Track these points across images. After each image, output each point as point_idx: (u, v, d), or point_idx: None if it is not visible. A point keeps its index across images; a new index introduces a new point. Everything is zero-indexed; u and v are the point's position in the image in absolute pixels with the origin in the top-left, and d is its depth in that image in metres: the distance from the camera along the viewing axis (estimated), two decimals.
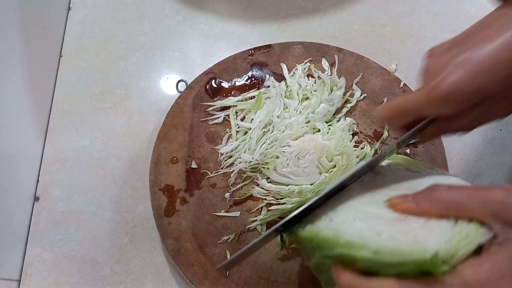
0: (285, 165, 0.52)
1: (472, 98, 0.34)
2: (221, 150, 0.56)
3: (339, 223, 0.35)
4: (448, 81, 0.33)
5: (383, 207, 0.35)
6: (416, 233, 0.32)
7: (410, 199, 0.34)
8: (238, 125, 0.57)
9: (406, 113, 0.37)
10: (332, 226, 0.35)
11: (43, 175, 0.60)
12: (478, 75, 0.33)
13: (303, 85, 0.57)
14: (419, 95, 0.35)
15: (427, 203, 0.32)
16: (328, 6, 0.68)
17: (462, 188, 0.32)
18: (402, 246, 0.30)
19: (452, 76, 0.33)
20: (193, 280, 0.49)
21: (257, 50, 0.61)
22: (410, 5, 0.67)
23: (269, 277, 0.50)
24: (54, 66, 0.66)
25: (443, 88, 0.33)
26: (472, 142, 0.58)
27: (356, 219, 0.34)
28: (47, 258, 0.55)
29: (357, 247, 0.31)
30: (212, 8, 0.69)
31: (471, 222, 0.31)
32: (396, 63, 0.62)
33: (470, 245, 0.30)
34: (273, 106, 0.56)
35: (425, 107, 0.35)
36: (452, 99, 0.34)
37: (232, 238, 0.52)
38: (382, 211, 0.34)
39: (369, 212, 0.35)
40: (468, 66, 0.33)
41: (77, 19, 0.70)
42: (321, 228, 0.35)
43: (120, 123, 0.62)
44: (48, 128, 0.62)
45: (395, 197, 0.34)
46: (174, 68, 0.65)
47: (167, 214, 0.53)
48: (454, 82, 0.33)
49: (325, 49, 0.60)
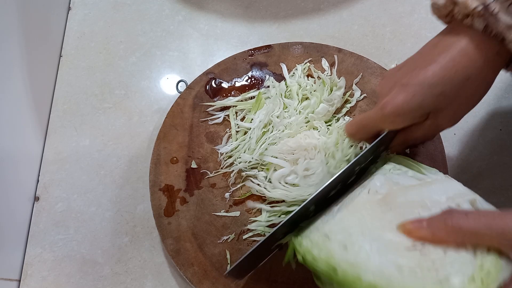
0: (292, 177, 0.52)
1: (416, 114, 0.40)
2: (221, 150, 0.56)
3: (356, 255, 0.35)
4: (393, 102, 0.40)
5: (397, 232, 0.35)
6: (437, 268, 0.31)
7: (425, 226, 0.34)
8: (238, 125, 0.57)
9: (365, 128, 0.44)
10: (349, 258, 0.34)
11: (43, 175, 0.60)
12: (417, 95, 0.39)
13: (303, 85, 0.57)
14: (373, 113, 0.42)
15: (443, 232, 0.33)
16: (328, 6, 0.68)
17: (479, 216, 0.32)
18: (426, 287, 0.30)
19: (396, 97, 0.40)
20: (192, 280, 0.49)
21: (257, 50, 0.61)
22: (410, 5, 0.67)
23: (269, 277, 0.50)
24: (54, 66, 0.66)
25: (390, 108, 0.40)
26: (471, 142, 0.58)
27: (373, 250, 0.34)
28: (47, 258, 0.55)
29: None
30: (212, 8, 0.69)
31: (490, 252, 0.31)
32: (396, 63, 0.62)
33: (494, 284, 0.30)
34: (273, 106, 0.56)
35: (378, 122, 0.42)
36: (399, 115, 0.40)
37: (232, 238, 0.52)
38: (397, 238, 0.34)
39: (384, 238, 0.35)
40: (408, 88, 0.39)
41: (77, 19, 0.70)
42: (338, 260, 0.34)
43: (120, 123, 0.62)
44: (48, 128, 0.63)
45: (408, 223, 0.35)
46: (174, 68, 0.65)
47: (167, 214, 0.53)
48: (398, 102, 0.40)
49: (325, 49, 0.60)
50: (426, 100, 0.39)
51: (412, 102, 0.39)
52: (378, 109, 0.41)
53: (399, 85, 0.40)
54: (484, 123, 0.59)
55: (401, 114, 0.40)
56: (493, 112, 0.59)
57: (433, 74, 0.39)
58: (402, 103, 0.39)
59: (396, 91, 0.40)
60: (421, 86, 0.39)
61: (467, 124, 0.59)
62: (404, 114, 0.40)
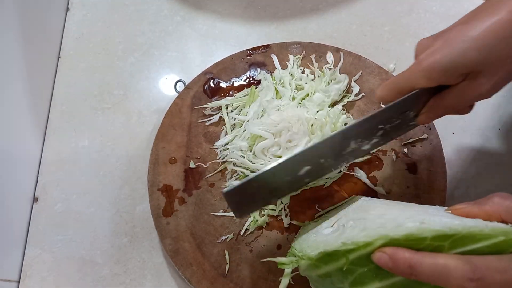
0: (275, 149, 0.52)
1: (455, 70, 0.37)
2: (217, 144, 0.56)
3: (348, 234, 0.36)
4: (431, 55, 0.37)
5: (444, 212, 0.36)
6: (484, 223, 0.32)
7: (472, 204, 0.35)
8: (235, 118, 0.57)
9: (397, 86, 0.41)
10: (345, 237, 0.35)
11: (42, 176, 0.60)
12: (458, 48, 0.36)
13: (296, 76, 0.58)
14: (409, 70, 0.39)
15: (488, 207, 0.34)
16: (327, 6, 0.68)
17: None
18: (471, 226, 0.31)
19: (435, 51, 0.37)
20: (191, 280, 0.49)
21: (255, 50, 0.61)
22: (408, 5, 0.67)
23: (268, 276, 0.50)
24: (52, 67, 0.66)
25: (427, 61, 0.37)
26: (470, 141, 0.58)
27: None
28: (46, 259, 0.55)
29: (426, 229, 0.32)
30: (211, 8, 0.69)
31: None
32: (394, 62, 0.62)
33: None
34: (265, 94, 0.56)
35: (413, 78, 0.39)
36: (435, 69, 0.37)
37: (231, 238, 0.52)
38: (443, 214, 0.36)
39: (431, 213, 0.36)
40: (449, 41, 0.37)
41: (75, 20, 0.70)
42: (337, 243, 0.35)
43: (119, 124, 0.62)
44: (47, 129, 0.63)
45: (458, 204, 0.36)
46: (173, 69, 0.65)
47: (166, 214, 0.53)
48: (437, 55, 0.37)
49: (323, 49, 0.60)
50: (467, 54, 0.36)
51: (452, 55, 0.37)
52: (414, 65, 0.39)
53: (439, 40, 0.38)
54: (483, 122, 0.59)
55: (438, 68, 0.37)
56: (492, 111, 0.59)
57: (476, 28, 0.36)
58: (441, 57, 0.37)
59: (435, 46, 0.38)
60: (463, 39, 0.36)
61: (466, 124, 0.59)
62: (442, 68, 0.37)
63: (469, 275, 0.29)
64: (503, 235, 0.31)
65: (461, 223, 0.32)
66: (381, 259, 0.32)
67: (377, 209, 0.39)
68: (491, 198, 0.34)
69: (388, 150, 0.55)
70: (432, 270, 0.30)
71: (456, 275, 0.30)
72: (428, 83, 0.39)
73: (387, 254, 0.32)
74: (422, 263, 0.31)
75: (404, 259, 0.31)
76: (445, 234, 0.31)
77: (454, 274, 0.30)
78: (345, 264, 0.34)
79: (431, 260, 0.31)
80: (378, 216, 0.37)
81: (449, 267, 0.30)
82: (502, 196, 0.34)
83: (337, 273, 0.35)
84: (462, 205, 0.36)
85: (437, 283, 0.31)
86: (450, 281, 0.30)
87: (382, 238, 0.32)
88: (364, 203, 0.44)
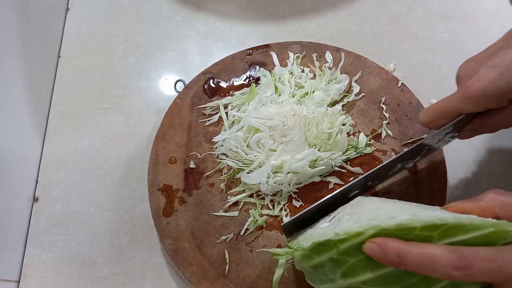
0: (270, 142, 0.52)
1: (503, 96, 0.38)
2: (215, 139, 0.56)
3: (343, 225, 0.36)
4: (479, 82, 0.38)
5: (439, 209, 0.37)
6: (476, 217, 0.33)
7: (467, 200, 0.36)
8: (234, 115, 0.56)
9: (444, 113, 0.42)
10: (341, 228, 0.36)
11: (42, 176, 0.60)
12: (505, 74, 0.37)
13: (296, 73, 0.58)
14: (456, 96, 0.40)
15: (483, 202, 0.35)
16: (327, 6, 0.68)
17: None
18: (462, 217, 0.32)
19: (483, 78, 0.38)
20: (191, 280, 0.49)
21: (255, 50, 0.61)
22: (408, 5, 0.67)
23: (268, 276, 0.50)
24: (52, 67, 0.66)
25: (475, 88, 0.38)
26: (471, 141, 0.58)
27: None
28: (46, 259, 0.55)
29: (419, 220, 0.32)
30: (211, 8, 0.69)
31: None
32: (394, 62, 0.62)
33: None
34: (265, 90, 0.56)
35: (461, 106, 0.40)
36: (484, 96, 0.38)
37: (231, 237, 0.52)
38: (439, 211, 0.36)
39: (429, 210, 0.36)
40: (495, 68, 0.38)
41: (75, 20, 0.70)
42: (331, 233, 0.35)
43: (118, 124, 0.62)
44: (47, 128, 0.63)
45: (453, 202, 0.37)
46: (173, 68, 0.65)
47: (166, 214, 0.53)
48: (485, 82, 0.38)
49: (323, 48, 0.60)
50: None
51: (500, 82, 0.37)
52: (461, 91, 0.40)
53: (485, 66, 0.39)
54: None
55: (487, 95, 0.38)
56: None
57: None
58: (488, 83, 0.38)
59: (482, 72, 0.38)
60: (509, 66, 0.37)
61: None
62: (490, 95, 0.38)
63: (455, 263, 0.30)
64: (492, 227, 0.31)
65: (452, 215, 0.32)
66: (371, 248, 0.32)
67: (373, 204, 0.40)
68: (486, 194, 0.35)
69: (388, 150, 0.55)
70: (419, 259, 0.31)
71: (441, 264, 0.30)
72: (477, 108, 0.40)
73: (377, 244, 0.32)
74: (410, 253, 0.31)
75: (393, 249, 0.31)
76: (434, 224, 0.31)
77: (440, 262, 0.30)
78: (335, 253, 0.34)
79: (418, 250, 0.31)
80: (373, 209, 0.37)
81: (435, 256, 0.30)
82: (497, 192, 0.35)
83: (329, 263, 0.35)
84: (457, 202, 0.36)
85: (424, 272, 0.31)
86: (436, 270, 0.30)
87: (373, 228, 0.32)
88: (362, 200, 0.44)
